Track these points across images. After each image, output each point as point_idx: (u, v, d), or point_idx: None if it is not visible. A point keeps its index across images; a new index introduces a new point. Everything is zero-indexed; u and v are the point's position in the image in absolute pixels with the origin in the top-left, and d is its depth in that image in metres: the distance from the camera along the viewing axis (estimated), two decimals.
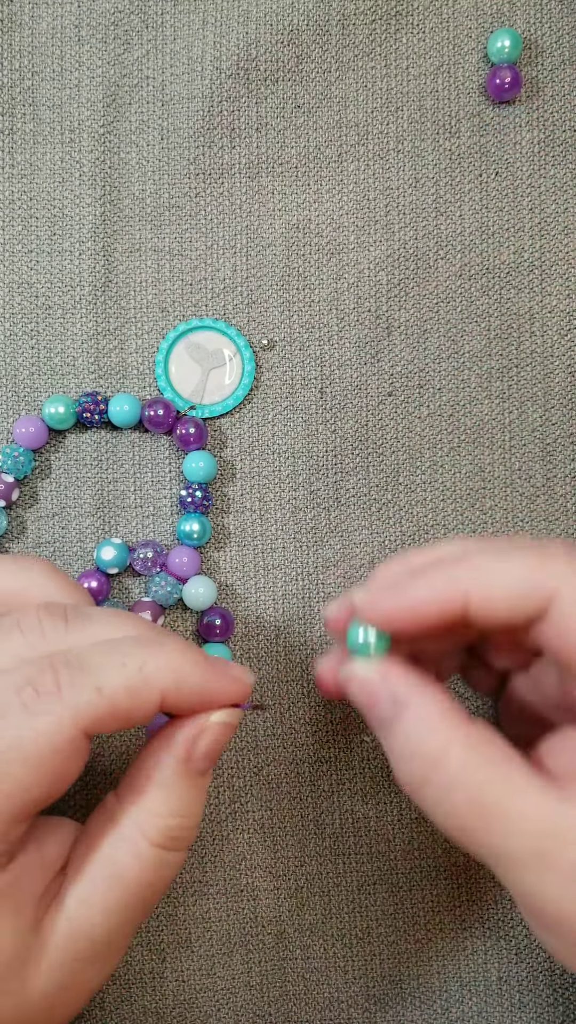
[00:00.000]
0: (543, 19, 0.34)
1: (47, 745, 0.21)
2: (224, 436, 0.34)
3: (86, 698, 0.21)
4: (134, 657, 0.22)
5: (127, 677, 0.22)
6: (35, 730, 0.21)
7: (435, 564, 0.23)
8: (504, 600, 0.22)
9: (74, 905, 0.23)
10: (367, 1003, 0.33)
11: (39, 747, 0.21)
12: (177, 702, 0.23)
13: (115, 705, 0.22)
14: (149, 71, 0.34)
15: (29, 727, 0.21)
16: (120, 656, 0.22)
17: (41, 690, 0.21)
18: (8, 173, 0.33)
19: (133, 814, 0.23)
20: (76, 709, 0.21)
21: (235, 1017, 0.32)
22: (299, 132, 0.34)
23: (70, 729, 0.21)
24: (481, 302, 0.34)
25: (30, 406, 0.33)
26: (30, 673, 0.22)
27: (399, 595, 0.23)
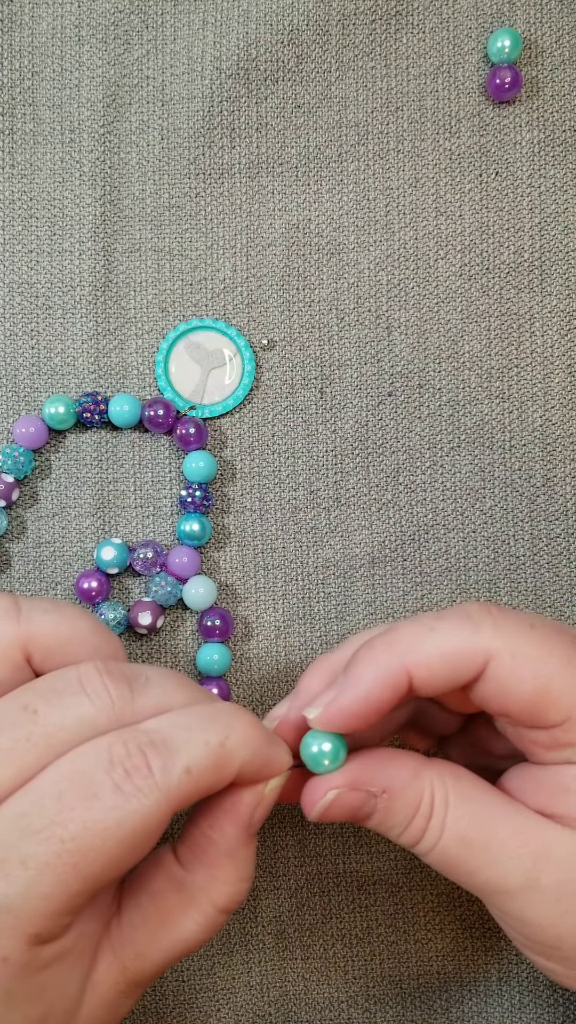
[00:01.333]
0: (543, 19, 0.34)
1: (141, 827, 0.21)
2: (224, 436, 0.34)
3: (176, 780, 0.22)
4: (216, 734, 0.22)
5: (213, 755, 0.22)
6: (130, 813, 0.21)
7: (367, 652, 0.24)
8: (443, 670, 0.23)
9: (131, 958, 0.23)
10: (367, 1003, 0.33)
11: (134, 829, 0.21)
12: (246, 774, 0.23)
13: (200, 783, 0.22)
14: (149, 71, 0.34)
15: (125, 809, 0.21)
16: (202, 733, 0.22)
17: (132, 772, 0.21)
18: (8, 173, 0.33)
19: (204, 884, 0.24)
20: (168, 792, 0.21)
21: (235, 1017, 0.32)
22: (299, 132, 0.34)
23: (164, 811, 0.21)
24: (481, 302, 0.34)
25: (30, 406, 0.33)
26: (118, 752, 0.22)
27: (346, 694, 0.23)
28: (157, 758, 0.22)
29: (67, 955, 0.22)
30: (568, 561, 0.34)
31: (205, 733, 0.22)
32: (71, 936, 0.22)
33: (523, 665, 0.23)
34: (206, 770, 0.22)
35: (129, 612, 0.32)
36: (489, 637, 0.23)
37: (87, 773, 0.21)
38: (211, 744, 0.22)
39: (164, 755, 0.22)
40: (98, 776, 0.21)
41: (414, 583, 0.33)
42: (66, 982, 0.22)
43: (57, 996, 0.22)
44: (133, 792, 0.21)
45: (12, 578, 0.33)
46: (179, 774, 0.22)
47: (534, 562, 0.34)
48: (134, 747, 0.22)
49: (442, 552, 0.33)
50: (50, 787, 0.21)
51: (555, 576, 0.33)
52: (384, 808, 0.24)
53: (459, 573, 0.33)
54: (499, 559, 0.34)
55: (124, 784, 0.21)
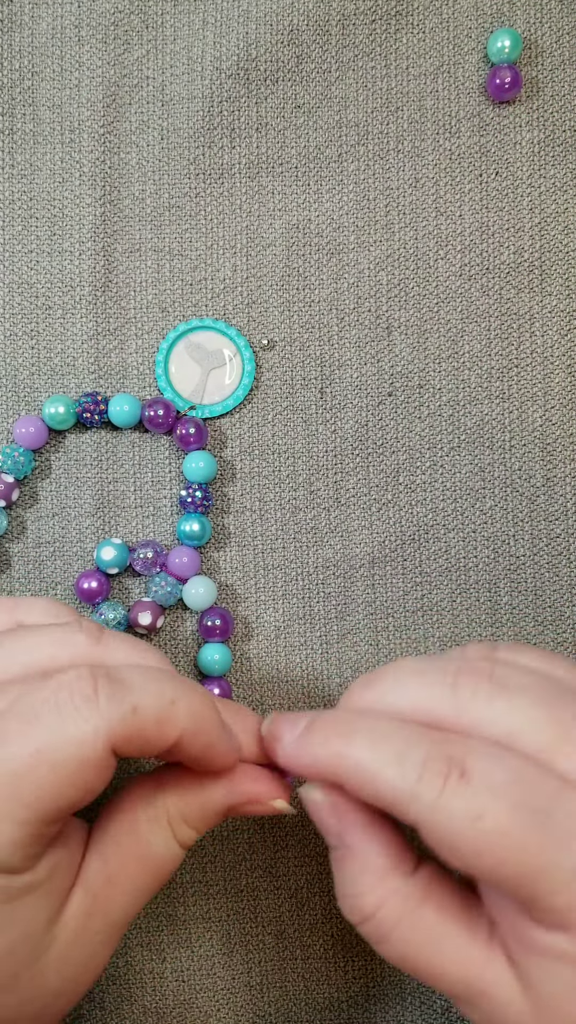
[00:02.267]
0: (543, 19, 0.34)
1: (76, 756, 0.21)
2: (224, 436, 0.34)
3: (120, 714, 0.21)
4: (170, 689, 0.22)
5: (160, 706, 0.22)
6: (66, 737, 0.21)
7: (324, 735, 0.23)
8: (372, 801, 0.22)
9: (99, 882, 0.23)
10: (367, 1003, 0.33)
11: (68, 755, 0.21)
12: (186, 749, 0.23)
13: (143, 730, 0.22)
14: (149, 71, 0.34)
15: (59, 734, 0.21)
16: (157, 684, 0.22)
17: (77, 694, 0.21)
18: (8, 173, 0.33)
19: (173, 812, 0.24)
20: (110, 722, 0.21)
21: (235, 1017, 0.32)
22: (299, 132, 0.34)
23: (102, 742, 0.21)
24: (481, 302, 0.34)
25: (30, 406, 0.33)
26: (70, 676, 0.21)
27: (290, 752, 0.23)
28: (106, 686, 0.21)
29: (37, 888, 0.22)
30: (568, 561, 0.34)
31: (161, 686, 0.22)
32: (41, 870, 0.22)
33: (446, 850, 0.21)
34: (150, 718, 0.22)
35: (129, 612, 0.32)
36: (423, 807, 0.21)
37: (35, 695, 0.21)
38: (163, 696, 0.22)
39: (115, 687, 0.21)
40: (44, 696, 0.21)
41: (414, 583, 0.33)
42: (33, 917, 0.22)
43: (25, 930, 0.21)
44: (72, 714, 0.21)
45: (12, 578, 0.33)
46: (125, 709, 0.21)
47: (534, 562, 0.34)
48: (87, 673, 0.22)
49: (442, 552, 0.33)
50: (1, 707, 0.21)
51: (555, 576, 0.33)
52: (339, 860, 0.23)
53: (459, 573, 0.33)
54: (499, 559, 0.34)
55: (65, 705, 0.21)
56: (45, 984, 0.22)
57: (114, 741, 0.21)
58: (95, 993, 0.32)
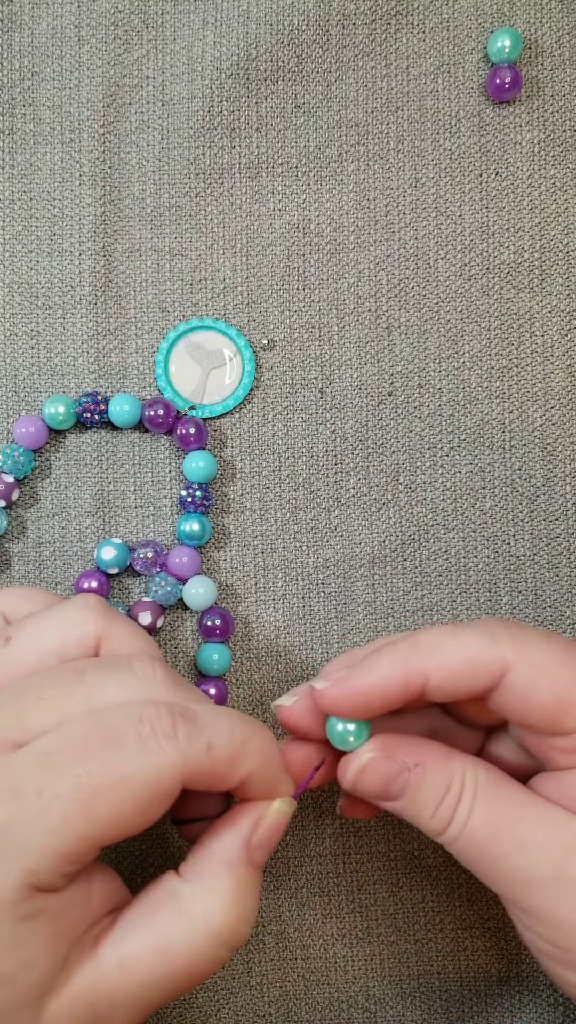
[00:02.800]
0: (543, 19, 0.34)
1: (154, 783, 0.22)
2: (224, 436, 0.34)
3: (196, 751, 0.22)
4: (240, 730, 0.23)
5: (232, 745, 0.23)
6: (148, 765, 0.22)
7: (388, 647, 0.24)
8: (463, 674, 0.24)
9: (111, 964, 0.22)
10: (367, 1003, 0.33)
11: (146, 783, 0.22)
12: (251, 784, 0.24)
13: (215, 766, 0.23)
14: (149, 71, 0.34)
15: (143, 761, 0.22)
16: (229, 723, 0.23)
17: (158, 731, 0.22)
18: (8, 173, 0.33)
19: (196, 893, 0.23)
20: (186, 757, 0.22)
21: (235, 1017, 0.32)
22: (299, 132, 0.34)
23: (178, 774, 0.22)
24: (481, 302, 0.34)
25: (30, 406, 0.33)
26: (149, 712, 0.22)
27: (357, 677, 0.24)
28: (184, 726, 0.22)
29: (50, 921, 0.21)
30: (568, 561, 0.34)
31: (232, 725, 0.23)
32: (59, 902, 0.22)
33: (540, 675, 0.23)
34: (223, 755, 0.23)
35: (129, 612, 0.32)
36: (507, 647, 0.24)
37: (115, 724, 0.22)
38: (235, 735, 0.23)
39: (191, 725, 0.22)
40: (125, 728, 0.22)
41: (414, 583, 0.33)
42: (40, 953, 0.21)
43: (27, 963, 0.21)
44: (155, 748, 0.22)
45: (12, 578, 0.33)
46: (200, 746, 0.22)
47: (534, 562, 0.34)
48: (165, 711, 0.22)
49: (442, 552, 0.33)
50: (78, 730, 0.22)
51: (555, 576, 0.33)
52: (416, 784, 0.24)
53: (459, 573, 0.33)
54: (499, 559, 0.34)
55: (148, 739, 0.22)
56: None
57: (188, 775, 0.22)
58: None
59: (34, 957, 0.21)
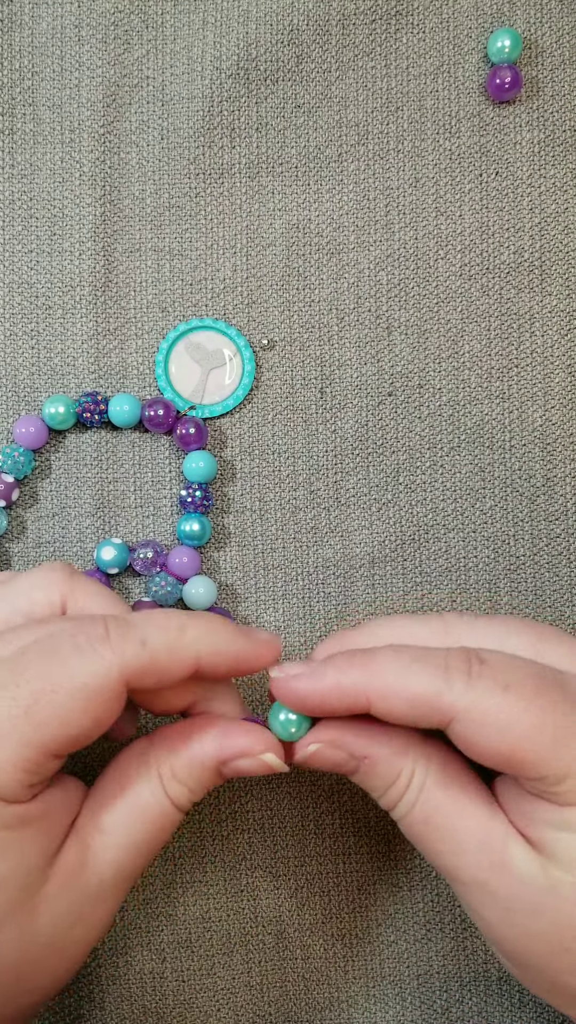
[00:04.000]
0: (543, 19, 0.34)
1: (93, 685, 0.23)
2: (224, 436, 0.34)
3: (132, 648, 0.23)
4: (176, 619, 0.24)
5: (168, 636, 0.24)
6: (84, 669, 0.23)
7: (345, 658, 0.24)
8: (405, 711, 0.23)
9: (92, 834, 0.24)
10: (367, 1003, 0.33)
11: (85, 685, 0.22)
12: (213, 665, 0.24)
13: (156, 659, 0.23)
14: (149, 71, 0.34)
15: (76, 665, 0.23)
16: (164, 618, 0.24)
17: (92, 635, 0.23)
18: (8, 173, 0.33)
19: (163, 763, 0.25)
20: (122, 656, 0.23)
21: (235, 1017, 0.32)
22: (299, 132, 0.34)
23: (116, 673, 0.23)
24: (481, 302, 0.34)
25: (30, 406, 0.33)
26: (84, 623, 0.24)
27: (304, 681, 0.24)
28: (116, 628, 0.23)
29: (31, 824, 0.23)
30: (568, 561, 0.34)
31: (166, 619, 0.24)
32: (35, 806, 0.23)
33: (486, 732, 0.23)
34: (160, 646, 0.23)
35: None
36: (459, 694, 0.23)
37: (52, 636, 0.23)
38: (169, 627, 0.24)
39: (124, 627, 0.24)
40: (61, 639, 0.23)
41: (414, 583, 0.33)
42: (26, 854, 0.23)
43: (16, 865, 0.22)
44: (89, 650, 0.23)
45: None
46: (134, 644, 0.23)
47: (534, 562, 0.34)
48: (100, 620, 0.24)
49: (442, 552, 0.34)
50: (16, 648, 0.23)
51: (555, 576, 0.33)
52: (365, 771, 0.25)
53: (459, 573, 0.33)
54: (499, 559, 0.34)
55: (83, 645, 0.23)
56: (37, 927, 0.23)
57: (128, 673, 0.23)
58: (95, 993, 0.32)
59: (21, 859, 0.23)
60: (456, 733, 0.23)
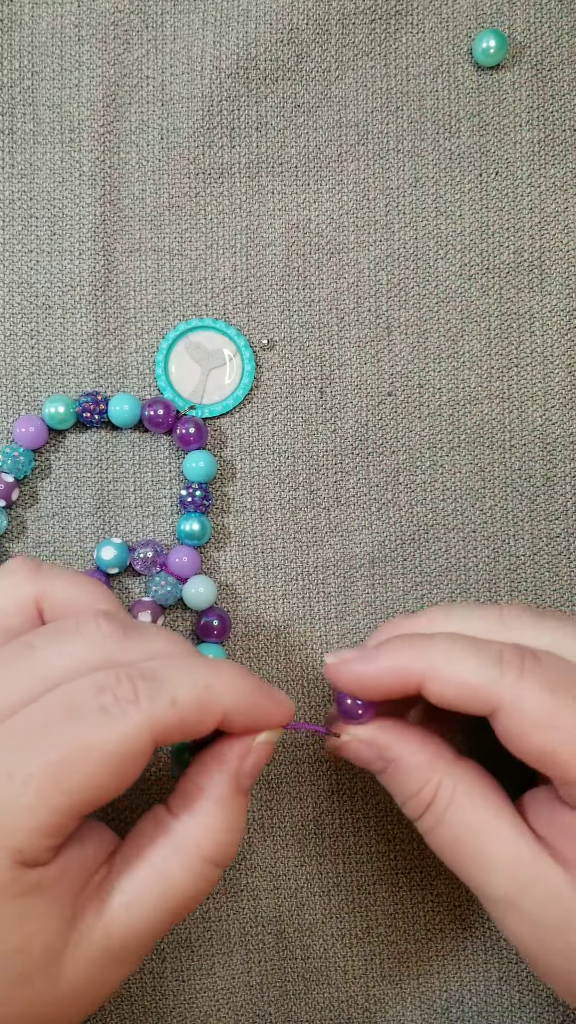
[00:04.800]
0: (543, 19, 0.34)
1: (122, 749, 0.22)
2: (224, 436, 0.34)
3: (161, 709, 0.23)
4: (203, 676, 0.24)
5: (197, 693, 0.23)
6: (113, 733, 0.22)
7: (401, 642, 0.25)
8: (456, 696, 0.24)
9: (118, 909, 0.23)
10: (367, 1003, 0.33)
11: (115, 749, 0.22)
12: (233, 721, 0.24)
13: (185, 718, 0.23)
14: (149, 71, 0.34)
15: (109, 729, 0.22)
16: (190, 674, 0.24)
17: (119, 697, 0.23)
18: (8, 173, 0.33)
19: (191, 829, 0.24)
20: (152, 718, 0.22)
21: (235, 1017, 0.32)
22: (299, 132, 0.34)
23: (146, 735, 0.22)
24: (481, 302, 0.34)
25: (30, 406, 0.33)
26: (107, 680, 0.23)
27: (359, 665, 0.25)
28: (144, 687, 0.23)
29: (49, 889, 0.22)
30: (568, 561, 0.34)
31: (192, 675, 0.24)
32: (54, 869, 0.22)
33: (529, 726, 0.23)
34: (190, 706, 0.23)
35: (129, 612, 0.32)
36: (507, 686, 0.23)
37: (76, 698, 0.23)
38: (197, 684, 0.23)
39: (151, 685, 0.23)
40: (86, 699, 0.22)
41: (414, 583, 0.33)
42: (47, 920, 0.22)
43: (37, 931, 0.22)
44: (118, 714, 0.22)
45: None
46: (164, 704, 0.23)
47: (534, 562, 0.34)
48: (124, 676, 0.23)
49: (442, 552, 0.34)
50: (40, 710, 0.22)
51: (555, 576, 0.33)
52: (391, 774, 0.25)
53: (459, 573, 0.33)
54: (499, 559, 0.34)
55: (111, 707, 0.22)
56: (60, 990, 0.23)
57: (156, 734, 0.23)
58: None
59: (42, 925, 0.22)
60: (501, 724, 0.24)
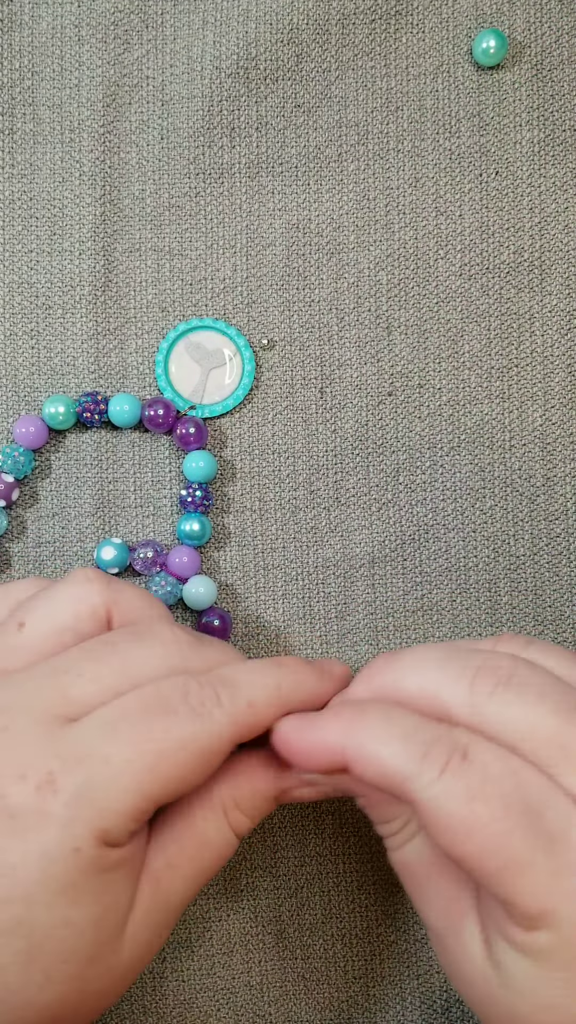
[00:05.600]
0: (543, 19, 0.34)
1: (210, 745, 0.24)
2: (224, 436, 0.34)
3: (240, 711, 0.25)
4: (273, 679, 0.26)
5: (269, 695, 0.25)
6: (203, 729, 0.24)
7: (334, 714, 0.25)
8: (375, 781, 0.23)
9: (162, 869, 0.25)
10: (367, 1003, 0.33)
11: (204, 745, 0.24)
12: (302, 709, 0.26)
13: (260, 718, 0.25)
14: (149, 71, 0.34)
15: (199, 725, 0.24)
16: (262, 677, 0.26)
17: (205, 699, 0.24)
18: (8, 173, 0.33)
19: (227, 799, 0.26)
20: (234, 717, 0.24)
21: (235, 1017, 0.32)
22: (299, 132, 0.34)
23: (228, 735, 0.24)
24: (481, 302, 0.34)
25: (30, 406, 0.33)
26: (192, 685, 0.25)
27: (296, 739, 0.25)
28: (225, 691, 0.25)
29: (124, 866, 0.24)
30: (568, 561, 0.34)
31: (264, 678, 0.26)
32: (129, 849, 0.24)
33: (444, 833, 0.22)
34: (265, 706, 0.25)
35: None
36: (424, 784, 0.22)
37: (167, 697, 0.24)
38: (268, 687, 0.25)
39: (231, 690, 0.25)
40: (176, 700, 0.24)
41: (414, 583, 0.33)
42: (120, 891, 0.24)
43: (113, 902, 0.23)
44: (206, 714, 0.24)
45: (12, 578, 0.33)
46: (243, 705, 0.25)
47: (534, 562, 0.34)
48: (206, 682, 0.25)
49: (442, 552, 0.34)
50: (136, 702, 0.24)
51: (555, 576, 0.33)
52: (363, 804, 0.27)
53: (459, 573, 0.33)
54: (499, 559, 0.34)
55: (198, 707, 0.24)
56: (120, 961, 0.24)
57: (237, 733, 0.24)
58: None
59: (116, 898, 0.24)
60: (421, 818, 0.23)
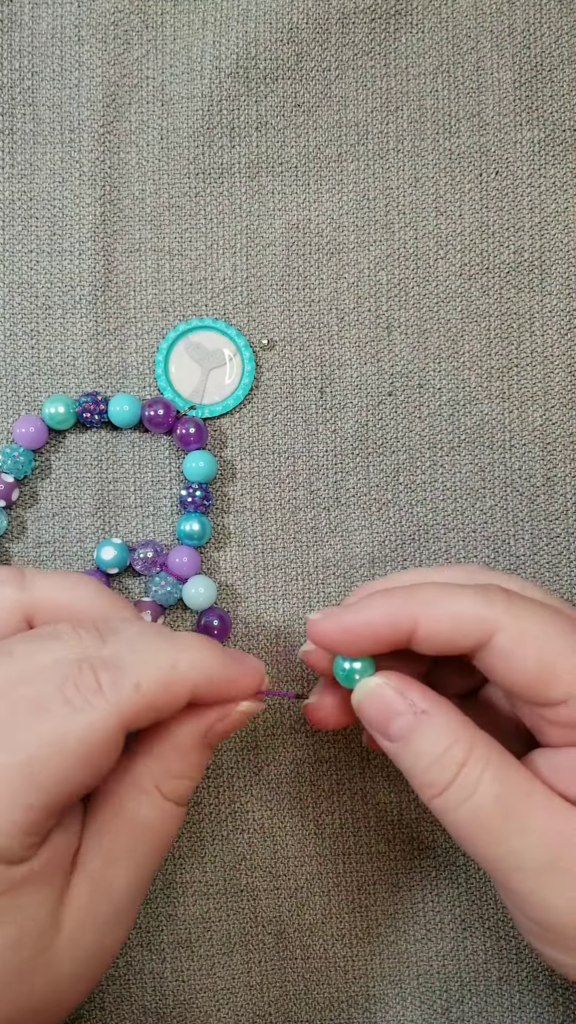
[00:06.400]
0: (543, 19, 0.34)
1: (88, 739, 0.22)
2: (224, 436, 0.34)
3: (126, 695, 0.22)
4: (167, 656, 0.23)
5: (163, 675, 0.23)
6: (78, 724, 0.22)
7: (387, 592, 0.25)
8: (452, 628, 0.24)
9: (97, 865, 0.23)
10: (367, 1003, 0.33)
11: (81, 741, 0.22)
12: (205, 694, 0.24)
13: (152, 701, 0.23)
14: (149, 71, 0.34)
15: (73, 721, 0.22)
16: (154, 656, 0.23)
17: (82, 687, 0.22)
18: (8, 173, 0.33)
19: (154, 771, 0.24)
20: (118, 705, 0.22)
21: (235, 1017, 0.32)
22: (299, 131, 0.34)
23: (113, 723, 0.22)
24: (481, 302, 0.34)
25: (30, 406, 0.33)
26: (70, 671, 0.23)
27: (349, 614, 0.25)
28: (106, 675, 0.23)
29: (36, 879, 0.22)
30: (568, 561, 0.34)
31: (156, 656, 0.23)
32: (40, 859, 0.22)
33: (528, 642, 0.24)
34: (156, 688, 0.23)
35: None
36: (500, 611, 0.24)
37: (40, 692, 0.22)
38: (161, 665, 0.23)
39: (113, 672, 0.23)
40: (49, 693, 0.22)
41: None
42: (36, 906, 0.22)
43: (28, 920, 0.22)
44: (82, 705, 0.22)
45: None
46: (128, 690, 0.22)
47: (534, 562, 0.34)
48: (86, 667, 0.23)
49: (442, 552, 0.33)
50: (5, 708, 0.22)
51: (555, 576, 0.33)
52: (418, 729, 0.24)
53: None
54: (499, 559, 0.34)
55: (74, 698, 0.22)
56: (59, 972, 0.23)
57: (124, 721, 0.22)
58: (95, 993, 0.32)
59: (33, 914, 0.22)
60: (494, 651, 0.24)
